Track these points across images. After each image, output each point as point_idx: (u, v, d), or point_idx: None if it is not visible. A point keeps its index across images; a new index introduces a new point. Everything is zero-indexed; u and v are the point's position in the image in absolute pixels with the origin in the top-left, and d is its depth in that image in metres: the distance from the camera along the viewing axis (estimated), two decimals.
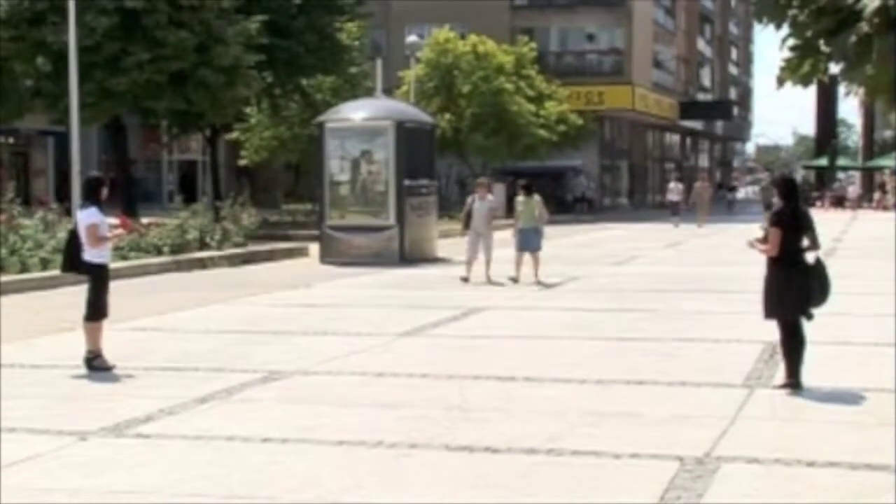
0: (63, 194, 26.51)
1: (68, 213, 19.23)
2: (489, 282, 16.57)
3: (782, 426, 7.34)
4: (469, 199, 17.89)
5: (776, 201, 8.77)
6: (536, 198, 17.23)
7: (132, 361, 9.66)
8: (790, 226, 8.31)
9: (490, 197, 17.86)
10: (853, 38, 15.48)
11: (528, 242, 16.84)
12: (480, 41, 40.61)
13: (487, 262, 16.99)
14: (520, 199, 17.42)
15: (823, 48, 16.75)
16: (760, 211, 45.44)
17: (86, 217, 9.50)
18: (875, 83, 16.61)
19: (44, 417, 7.60)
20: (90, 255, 9.47)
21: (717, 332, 11.44)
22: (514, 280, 16.59)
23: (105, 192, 9.74)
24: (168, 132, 37.78)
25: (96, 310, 9.46)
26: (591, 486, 5.96)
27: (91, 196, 9.65)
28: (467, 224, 17.31)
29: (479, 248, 17.10)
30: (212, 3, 26.04)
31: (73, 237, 9.67)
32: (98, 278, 9.55)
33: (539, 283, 16.52)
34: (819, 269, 8.40)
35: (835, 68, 17.65)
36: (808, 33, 16.73)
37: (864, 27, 15.29)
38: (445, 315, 13.02)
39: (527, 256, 16.83)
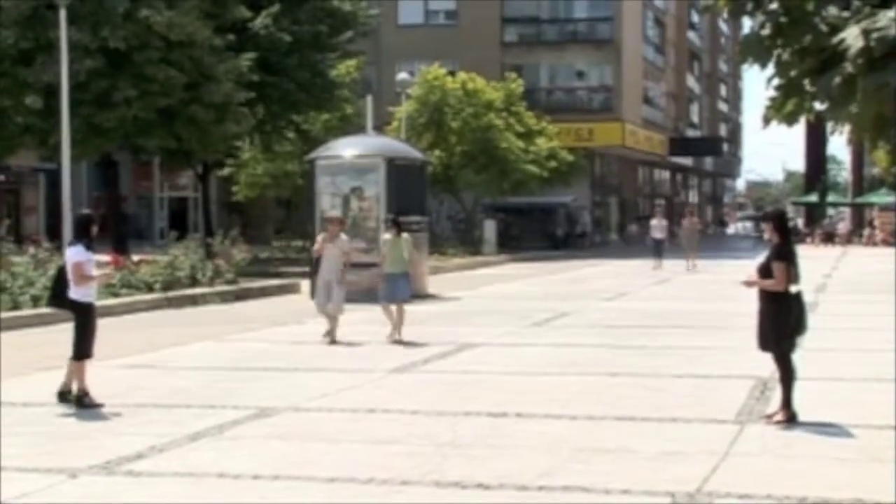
0: (55, 231, 26.51)
1: (59, 250, 19.23)
2: (332, 341, 13.70)
3: (773, 462, 7.35)
4: (319, 239, 14.49)
5: (767, 236, 9.03)
6: (406, 236, 14.40)
7: (123, 398, 9.65)
8: (791, 261, 8.56)
9: (343, 237, 14.42)
10: (837, 79, 15.63)
11: (395, 291, 14.12)
12: (469, 78, 40.87)
13: (332, 318, 13.84)
14: (386, 237, 14.51)
15: (808, 87, 16.92)
16: (750, 247, 45.59)
17: (72, 255, 9.51)
18: (859, 121, 16.77)
19: (34, 455, 7.58)
20: (75, 293, 9.44)
21: (707, 368, 11.47)
22: (396, 340, 13.71)
23: (95, 230, 9.75)
24: (160, 169, 37.91)
25: (80, 349, 9.43)
26: None
27: (81, 234, 9.66)
28: (316, 270, 14.24)
29: (328, 298, 14.00)
30: (202, 41, 26.17)
31: (61, 273, 9.69)
32: (82, 317, 9.51)
33: (399, 342, 13.63)
34: (802, 301, 8.68)
35: (820, 106, 17.83)
36: (793, 73, 16.90)
37: (849, 67, 15.44)
38: (436, 351, 13.03)
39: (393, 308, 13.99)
